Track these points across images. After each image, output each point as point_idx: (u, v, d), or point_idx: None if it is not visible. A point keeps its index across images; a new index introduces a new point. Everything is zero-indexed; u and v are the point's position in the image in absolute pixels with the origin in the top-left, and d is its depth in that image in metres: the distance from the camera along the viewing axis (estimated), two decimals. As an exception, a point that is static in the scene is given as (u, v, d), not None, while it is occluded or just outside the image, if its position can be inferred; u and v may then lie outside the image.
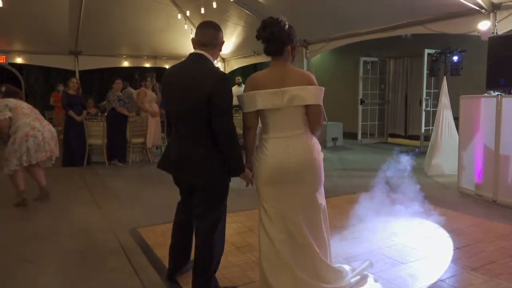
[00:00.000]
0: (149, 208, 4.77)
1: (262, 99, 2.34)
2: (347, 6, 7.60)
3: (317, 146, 2.50)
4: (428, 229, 3.89)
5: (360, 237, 3.70)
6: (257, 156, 2.45)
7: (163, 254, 3.29)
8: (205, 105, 2.32)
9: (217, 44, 2.51)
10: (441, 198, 5.02)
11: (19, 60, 11.07)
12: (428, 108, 8.73)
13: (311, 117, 2.42)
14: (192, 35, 9.21)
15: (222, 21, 10.46)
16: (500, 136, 4.76)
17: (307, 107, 2.39)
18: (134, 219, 4.33)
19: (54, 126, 10.92)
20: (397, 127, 10.78)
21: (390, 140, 10.77)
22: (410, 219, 4.17)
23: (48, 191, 5.21)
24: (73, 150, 7.39)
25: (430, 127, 8.41)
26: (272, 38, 2.39)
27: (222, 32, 2.55)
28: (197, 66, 2.42)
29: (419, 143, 9.00)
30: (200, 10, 8.87)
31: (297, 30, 2.53)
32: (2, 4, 7.09)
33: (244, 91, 2.41)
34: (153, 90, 8.05)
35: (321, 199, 2.55)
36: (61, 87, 10.02)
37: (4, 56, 10.85)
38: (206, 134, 2.39)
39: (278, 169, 2.36)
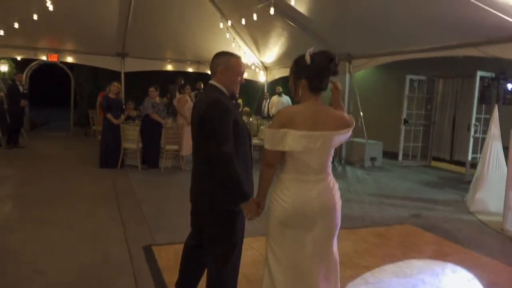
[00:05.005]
0: (170, 222, 4.70)
1: (292, 141, 2.15)
2: (395, 23, 7.24)
3: (338, 190, 2.32)
4: (461, 280, 3.52)
5: (382, 282, 3.41)
6: (275, 195, 2.28)
7: (170, 279, 3.19)
8: (200, 129, 2.38)
9: (216, 71, 2.46)
10: (481, 242, 4.58)
11: (69, 59, 11.57)
12: (477, 135, 8.13)
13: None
14: (234, 45, 9.13)
15: (266, 32, 10.38)
16: (554, 179, 4.27)
17: None
18: (152, 234, 4.28)
19: (93, 125, 11.41)
20: (442, 151, 10.14)
21: (433, 163, 10.15)
22: (441, 265, 3.81)
23: None
24: (109, 152, 7.55)
25: (478, 155, 7.81)
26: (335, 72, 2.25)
27: (224, 57, 2.49)
28: (203, 96, 2.59)
29: (465, 170, 8.41)
30: (242, 21, 8.84)
31: (341, 43, 2.36)
32: (52, 8, 7.37)
33: (272, 125, 2.24)
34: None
35: (336, 246, 2.35)
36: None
37: (56, 55, 11.37)
38: (208, 158, 2.37)
39: (298, 213, 2.20)
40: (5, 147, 9.14)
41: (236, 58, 2.53)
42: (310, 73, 2.21)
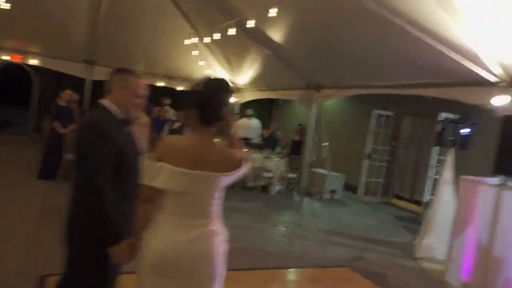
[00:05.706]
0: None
1: (167, 178, 1.86)
2: (362, 57, 7.13)
3: (220, 238, 2.02)
4: None
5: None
6: (147, 235, 1.97)
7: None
8: (75, 155, 2.20)
9: (112, 89, 2.26)
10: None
11: (34, 62, 11.14)
12: (437, 176, 7.97)
13: None
14: (202, 63, 8.83)
15: (240, 54, 10.20)
16: (496, 233, 4.06)
17: None
18: (54, 262, 3.85)
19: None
20: (403, 189, 9.95)
21: (394, 201, 9.96)
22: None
23: None
24: (51, 163, 7.08)
25: (436, 197, 7.64)
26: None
27: (123, 74, 2.28)
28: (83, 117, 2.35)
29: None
30: (205, 39, 8.73)
31: (311, 72, 2.08)
32: (10, 6, 7.04)
33: (150, 155, 1.94)
34: None
35: None
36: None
37: (21, 56, 10.95)
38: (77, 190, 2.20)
39: (168, 259, 1.89)
40: None
41: (136, 77, 2.31)
42: (199, 103, 1.96)
